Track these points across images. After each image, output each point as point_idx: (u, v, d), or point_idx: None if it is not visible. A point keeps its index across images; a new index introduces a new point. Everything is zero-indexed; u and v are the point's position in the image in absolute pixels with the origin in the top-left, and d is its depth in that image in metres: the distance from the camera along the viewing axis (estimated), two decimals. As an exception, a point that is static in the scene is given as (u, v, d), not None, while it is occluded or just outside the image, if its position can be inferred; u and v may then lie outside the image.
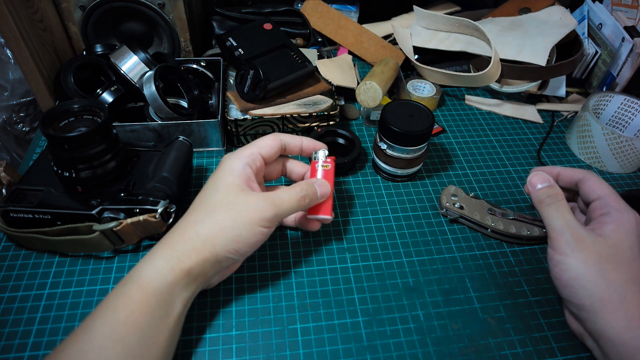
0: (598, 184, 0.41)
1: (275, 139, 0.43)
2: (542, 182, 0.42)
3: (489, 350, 0.40)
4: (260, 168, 0.42)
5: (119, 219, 0.42)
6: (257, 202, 0.38)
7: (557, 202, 0.40)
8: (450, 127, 0.65)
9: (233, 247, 0.37)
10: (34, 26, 0.56)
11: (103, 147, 0.43)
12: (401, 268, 0.46)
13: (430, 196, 0.54)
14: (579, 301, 0.37)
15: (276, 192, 0.40)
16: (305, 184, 0.42)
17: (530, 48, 0.64)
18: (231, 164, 0.40)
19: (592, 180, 0.42)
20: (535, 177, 0.43)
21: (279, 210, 0.39)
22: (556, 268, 0.39)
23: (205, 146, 0.57)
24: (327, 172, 0.45)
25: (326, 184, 0.43)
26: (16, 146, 0.79)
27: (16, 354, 0.38)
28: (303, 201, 0.41)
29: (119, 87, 0.55)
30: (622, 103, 0.61)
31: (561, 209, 0.40)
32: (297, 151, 0.46)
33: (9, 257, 0.45)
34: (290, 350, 0.39)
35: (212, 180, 0.40)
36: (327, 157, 0.45)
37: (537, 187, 0.42)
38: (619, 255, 0.37)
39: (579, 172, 0.43)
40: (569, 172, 0.44)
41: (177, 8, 0.62)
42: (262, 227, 0.38)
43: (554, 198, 0.41)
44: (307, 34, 0.74)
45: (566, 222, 0.39)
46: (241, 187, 0.39)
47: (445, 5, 0.82)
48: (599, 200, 0.40)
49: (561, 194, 0.41)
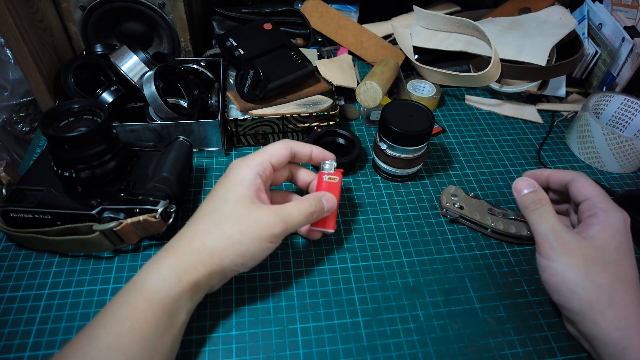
0: (586, 185, 0.41)
1: (286, 147, 0.43)
2: (527, 188, 0.43)
3: (489, 350, 0.40)
4: (270, 177, 0.42)
5: (119, 219, 0.42)
6: (268, 217, 0.38)
7: (541, 207, 0.40)
8: (450, 127, 0.65)
9: (240, 261, 0.37)
10: (34, 26, 0.56)
11: (103, 147, 0.43)
12: (401, 268, 0.46)
13: (430, 196, 0.54)
14: (569, 305, 0.37)
15: (285, 207, 0.39)
16: (314, 199, 0.41)
17: (530, 48, 0.64)
18: (242, 173, 0.40)
19: (580, 181, 0.42)
20: (521, 182, 0.43)
21: (287, 226, 0.38)
22: (544, 273, 0.39)
23: (205, 146, 0.57)
24: (335, 185, 0.44)
25: (333, 199, 0.43)
26: (16, 146, 0.79)
27: (16, 354, 0.38)
28: (311, 217, 0.40)
29: (119, 87, 0.55)
30: (622, 103, 0.61)
31: (545, 214, 0.40)
32: (306, 159, 0.45)
33: (9, 257, 0.45)
34: (290, 350, 0.39)
35: (221, 188, 0.40)
36: (335, 169, 0.45)
37: (523, 193, 0.43)
38: (606, 257, 0.37)
39: (568, 174, 0.43)
40: (559, 174, 0.44)
41: (177, 8, 0.62)
42: (270, 242, 0.38)
43: (538, 203, 0.41)
44: (307, 34, 0.74)
45: (550, 227, 0.39)
46: (251, 199, 0.38)
47: (445, 5, 0.82)
48: (587, 202, 0.40)
49: (546, 198, 0.41)
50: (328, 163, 0.45)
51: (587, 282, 0.36)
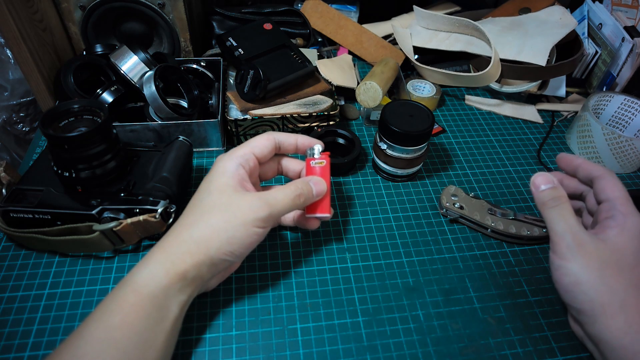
0: (611, 184, 0.40)
1: (269, 138, 0.43)
2: (546, 184, 0.41)
3: (489, 350, 0.40)
4: (254, 168, 0.42)
5: (119, 219, 0.42)
6: (251, 202, 0.37)
7: (561, 205, 0.39)
8: (450, 127, 0.65)
9: (228, 249, 0.37)
10: (34, 26, 0.56)
11: (103, 147, 0.43)
12: (401, 268, 0.46)
13: (430, 196, 0.54)
14: (579, 306, 0.37)
15: (270, 192, 0.39)
16: (300, 182, 0.41)
17: (530, 48, 0.64)
18: (224, 164, 0.40)
19: (606, 179, 0.40)
20: (539, 177, 0.41)
21: (273, 210, 0.38)
22: (557, 272, 0.38)
23: (205, 146, 0.57)
24: (323, 168, 0.44)
25: (322, 182, 0.43)
26: (16, 146, 0.79)
27: (16, 354, 0.38)
28: (298, 200, 0.40)
29: (119, 87, 0.55)
30: (622, 103, 0.61)
31: (564, 212, 0.39)
32: (292, 149, 0.45)
33: (9, 257, 0.45)
34: (290, 350, 0.39)
35: (205, 182, 0.40)
36: (321, 152, 0.44)
37: (541, 189, 0.41)
38: (622, 261, 0.36)
39: (598, 169, 0.42)
40: (589, 166, 0.42)
41: (177, 8, 0.62)
42: (256, 227, 0.37)
43: (557, 200, 0.39)
44: (307, 34, 0.74)
45: (568, 226, 0.38)
46: (234, 187, 0.38)
47: (445, 5, 0.82)
48: (607, 203, 0.39)
49: (565, 196, 0.40)
50: (314, 148, 0.44)
51: (600, 285, 0.36)
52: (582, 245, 0.37)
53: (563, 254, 0.38)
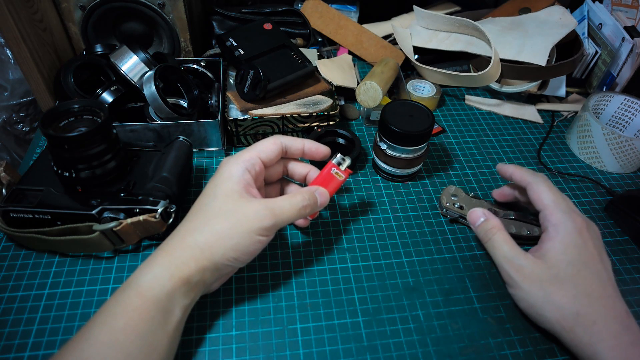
0: (539, 192, 0.41)
1: (276, 142, 0.42)
2: (477, 219, 0.43)
3: (489, 350, 0.40)
4: (260, 172, 0.41)
5: (119, 219, 0.42)
6: (257, 210, 0.37)
7: (493, 237, 0.41)
8: (450, 127, 0.65)
9: (232, 256, 0.37)
10: (34, 26, 0.56)
11: (103, 147, 0.43)
12: (401, 268, 0.46)
13: (430, 196, 0.54)
14: (543, 326, 0.38)
15: (277, 201, 0.39)
16: (307, 192, 0.41)
17: (530, 48, 0.64)
18: (230, 169, 0.39)
19: (533, 189, 0.41)
20: (472, 215, 0.44)
21: (278, 220, 0.38)
22: (513, 299, 0.40)
23: (205, 146, 0.57)
24: (337, 181, 0.43)
25: (326, 194, 0.42)
26: (16, 146, 0.79)
27: (16, 354, 0.38)
28: (304, 210, 0.40)
29: (119, 87, 0.55)
30: (622, 103, 0.61)
31: (497, 243, 0.40)
32: (299, 154, 0.44)
33: (9, 257, 0.45)
34: (290, 350, 0.39)
35: (210, 186, 0.40)
36: (346, 168, 0.44)
37: (476, 225, 0.43)
38: (560, 275, 0.37)
39: (527, 176, 0.43)
40: (520, 174, 0.43)
41: (177, 8, 0.62)
42: (260, 235, 0.37)
43: (490, 233, 0.41)
44: (307, 34, 0.74)
45: (503, 256, 0.39)
46: (240, 193, 0.38)
47: (445, 5, 0.82)
48: (540, 214, 0.40)
49: (496, 226, 0.41)
50: (345, 159, 0.44)
51: (547, 304, 0.37)
52: (519, 270, 0.38)
53: (508, 283, 0.39)
